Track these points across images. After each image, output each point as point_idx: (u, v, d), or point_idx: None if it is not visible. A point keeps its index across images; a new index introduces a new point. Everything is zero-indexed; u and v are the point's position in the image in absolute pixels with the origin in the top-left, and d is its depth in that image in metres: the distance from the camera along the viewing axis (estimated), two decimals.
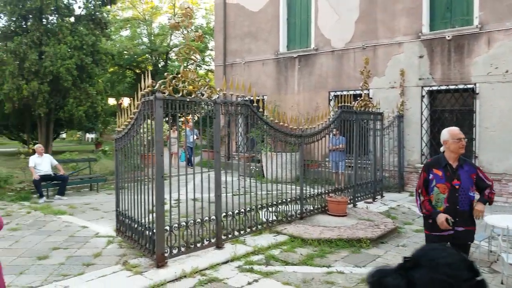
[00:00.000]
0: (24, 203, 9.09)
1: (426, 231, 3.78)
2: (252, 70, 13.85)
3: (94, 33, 13.66)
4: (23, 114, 14.41)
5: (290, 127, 7.17)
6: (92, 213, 8.22)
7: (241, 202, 6.33)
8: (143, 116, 5.60)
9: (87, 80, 13.70)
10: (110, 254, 5.62)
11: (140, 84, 5.58)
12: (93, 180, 10.96)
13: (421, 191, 3.71)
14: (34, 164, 9.68)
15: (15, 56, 12.39)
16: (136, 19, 25.85)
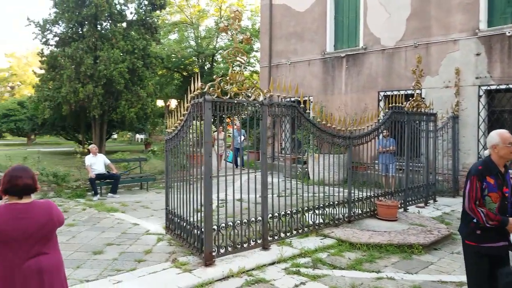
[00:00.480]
0: (79, 200, 9.56)
1: (472, 243, 3.38)
2: (297, 71, 13.77)
3: (144, 37, 14.19)
4: (79, 116, 15.21)
5: (338, 128, 7.04)
6: (142, 211, 8.49)
7: (287, 203, 6.29)
8: (192, 118, 5.71)
9: (138, 83, 14.25)
10: (160, 251, 5.78)
11: (189, 86, 5.68)
12: (143, 179, 11.34)
13: (479, 202, 3.31)
14: (90, 163, 10.17)
15: (72, 61, 13.11)
16: (183, 23, 26.55)
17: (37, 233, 2.53)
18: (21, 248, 2.50)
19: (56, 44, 14.32)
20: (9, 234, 2.46)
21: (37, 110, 15.10)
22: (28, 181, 2.57)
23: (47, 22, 13.88)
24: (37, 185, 2.66)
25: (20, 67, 43.31)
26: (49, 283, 2.58)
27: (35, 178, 2.66)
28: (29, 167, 2.72)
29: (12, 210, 2.51)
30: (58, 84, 13.52)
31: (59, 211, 2.75)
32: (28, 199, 2.60)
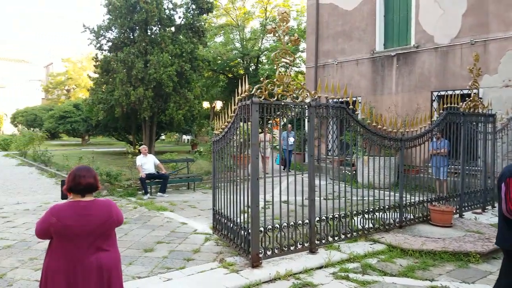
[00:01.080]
0: (131, 199, 9.91)
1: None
2: (345, 71, 13.51)
3: (192, 41, 14.52)
4: (130, 118, 15.82)
5: (389, 130, 6.81)
6: (190, 210, 8.66)
7: (334, 207, 6.17)
8: (239, 120, 5.75)
9: (185, 85, 14.61)
10: (208, 251, 5.86)
11: (236, 89, 5.72)
12: (190, 179, 11.58)
13: None
14: (140, 163, 10.53)
15: (124, 65, 13.67)
16: (229, 25, 26.90)
17: (98, 230, 2.67)
18: (83, 244, 2.64)
19: (109, 49, 15.01)
20: (72, 230, 2.61)
21: (92, 112, 15.89)
22: (90, 180, 2.72)
23: (101, 28, 14.58)
24: (98, 184, 2.80)
25: (75, 71, 45.74)
26: (107, 279, 2.70)
27: (96, 178, 2.81)
28: (92, 168, 2.86)
29: (75, 207, 2.67)
30: (111, 87, 14.15)
31: (118, 210, 2.87)
32: (90, 197, 2.75)
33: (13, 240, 6.30)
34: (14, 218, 7.72)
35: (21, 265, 5.22)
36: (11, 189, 10.87)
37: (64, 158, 12.87)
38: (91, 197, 2.76)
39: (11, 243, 6.14)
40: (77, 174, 2.73)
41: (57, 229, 2.60)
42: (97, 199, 2.80)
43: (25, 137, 18.94)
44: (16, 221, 7.53)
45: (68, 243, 2.63)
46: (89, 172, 2.78)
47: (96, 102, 14.74)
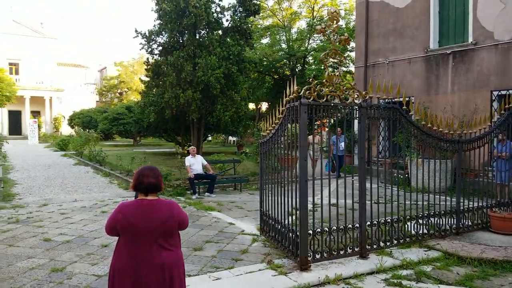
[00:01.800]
0: (180, 198, 10.15)
1: None
2: (396, 70, 13.07)
3: (239, 43, 14.68)
4: (179, 119, 16.23)
5: (445, 131, 6.49)
6: (237, 211, 8.73)
7: (385, 211, 5.97)
8: (287, 121, 5.72)
9: (232, 87, 14.79)
10: (256, 251, 5.87)
11: (284, 90, 5.69)
12: (237, 180, 11.68)
13: None
14: (189, 163, 10.77)
15: (173, 68, 14.06)
16: (275, 26, 26.91)
17: (159, 228, 2.74)
18: (146, 242, 2.73)
19: (160, 53, 15.51)
20: (135, 227, 2.72)
21: (143, 114, 16.49)
22: (152, 180, 2.80)
23: (152, 33, 15.10)
24: (161, 184, 2.87)
25: (127, 75, 47.64)
26: (169, 277, 2.77)
27: (159, 178, 2.87)
28: (156, 168, 2.95)
29: (139, 205, 2.78)
30: (161, 90, 14.61)
31: (182, 212, 2.92)
32: (154, 196, 2.84)
33: (71, 235, 6.64)
34: (72, 215, 8.15)
35: (79, 259, 5.49)
36: (69, 187, 11.51)
37: (118, 158, 13.44)
38: (154, 197, 2.85)
39: (70, 238, 6.48)
40: (141, 173, 2.85)
41: (123, 226, 2.74)
42: (161, 199, 2.88)
43: (81, 138, 19.97)
44: (74, 217, 7.94)
45: (132, 240, 2.75)
46: (152, 172, 2.86)
47: (147, 105, 15.28)
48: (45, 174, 13.83)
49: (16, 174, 13.79)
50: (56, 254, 5.68)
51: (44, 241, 6.28)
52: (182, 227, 2.92)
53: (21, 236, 6.56)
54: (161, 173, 2.94)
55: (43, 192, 10.71)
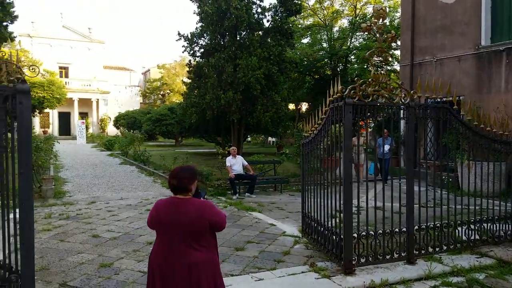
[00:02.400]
0: (221, 198, 10.25)
1: None
2: (444, 68, 12.53)
3: (280, 43, 14.64)
4: (219, 120, 16.40)
5: (499, 132, 6.13)
6: (278, 212, 8.69)
7: (434, 215, 5.71)
8: (330, 122, 5.61)
9: (273, 88, 14.76)
10: (298, 253, 5.81)
11: (328, 90, 5.59)
12: (277, 181, 11.65)
13: None
14: (230, 164, 10.86)
15: (214, 70, 14.24)
16: (316, 25, 26.61)
17: (188, 227, 2.75)
18: (175, 239, 2.78)
19: (201, 55, 15.76)
20: (164, 224, 2.81)
21: (185, 115, 16.80)
22: (174, 182, 2.85)
23: (194, 35, 15.38)
24: (186, 185, 2.84)
25: (169, 77, 48.89)
26: (196, 278, 2.76)
27: (185, 179, 2.85)
28: (190, 169, 2.96)
29: (169, 202, 2.88)
30: (202, 91, 14.84)
31: (215, 213, 2.87)
32: (185, 195, 2.86)
33: (118, 232, 6.86)
34: (119, 212, 8.43)
35: (126, 255, 5.65)
36: (115, 185, 11.92)
37: (161, 158, 13.79)
38: (186, 196, 2.87)
39: (117, 235, 6.69)
40: (171, 173, 2.94)
41: (155, 222, 2.87)
42: (193, 199, 2.88)
43: (126, 138, 20.67)
44: (120, 215, 8.20)
45: (163, 237, 2.84)
46: (180, 173, 2.89)
47: (189, 106, 15.56)
48: (92, 173, 14.43)
49: (66, 172, 14.48)
50: (104, 250, 5.88)
51: (92, 237, 6.52)
52: (216, 229, 2.89)
53: (71, 232, 6.86)
54: (192, 174, 2.92)
55: (91, 190, 11.16)
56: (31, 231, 3.73)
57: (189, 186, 2.85)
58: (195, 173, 2.97)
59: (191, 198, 2.88)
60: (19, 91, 3.67)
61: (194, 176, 2.93)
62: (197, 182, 2.99)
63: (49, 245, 6.09)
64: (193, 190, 2.90)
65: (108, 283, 4.70)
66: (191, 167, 3.02)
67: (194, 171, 2.97)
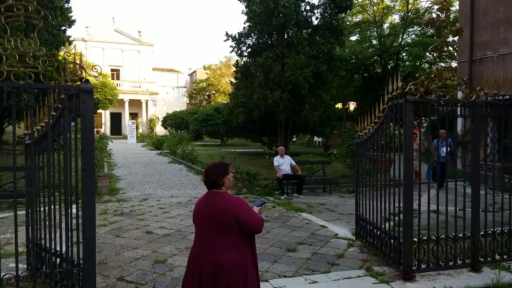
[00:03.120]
0: (269, 198, 10.17)
1: None
2: (508, 64, 11.69)
3: (329, 41, 14.34)
4: (266, 120, 16.36)
5: None
6: (328, 213, 8.49)
7: (495, 220, 5.32)
8: (389, 121, 5.37)
9: (321, 86, 14.48)
10: (352, 257, 5.62)
11: (386, 87, 5.36)
12: (326, 182, 11.41)
13: None
14: (277, 164, 10.77)
15: (262, 69, 14.20)
16: (366, 22, 25.87)
17: (215, 219, 2.77)
18: (206, 232, 2.83)
19: (248, 55, 15.77)
20: (199, 217, 2.92)
21: (232, 115, 16.91)
22: (205, 178, 2.95)
23: (241, 35, 15.43)
24: (216, 179, 2.89)
25: (215, 78, 49.65)
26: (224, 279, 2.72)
27: (214, 175, 2.90)
28: (219, 165, 3.01)
29: (203, 197, 2.98)
30: (250, 91, 14.85)
31: (243, 210, 2.83)
32: (218, 190, 2.91)
33: (170, 229, 6.97)
34: (170, 210, 8.58)
35: (179, 252, 5.71)
36: (165, 183, 12.20)
37: (209, 157, 13.96)
38: (218, 190, 2.91)
39: (169, 232, 6.80)
40: (204, 170, 3.03)
41: (193, 217, 3.00)
42: (223, 192, 2.91)
43: (174, 138, 21.15)
44: (172, 212, 8.35)
45: (198, 231, 2.95)
46: (210, 169, 2.96)
47: (236, 106, 15.63)
48: (144, 171, 14.87)
49: (119, 170, 15.02)
50: (158, 246, 5.98)
51: (146, 234, 6.67)
52: (246, 228, 2.81)
53: (126, 227, 7.05)
54: (220, 168, 2.95)
55: (143, 187, 11.49)
56: (93, 226, 3.83)
57: (219, 181, 2.89)
58: (224, 168, 2.96)
59: (223, 192, 2.90)
60: (83, 90, 3.79)
61: (223, 171, 2.93)
62: (230, 177, 2.98)
63: (105, 240, 6.28)
64: (226, 184, 2.92)
65: (163, 279, 4.76)
66: (221, 163, 3.05)
67: (222, 166, 2.98)
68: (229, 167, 3.02)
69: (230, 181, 2.97)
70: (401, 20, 24.40)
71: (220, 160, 12.93)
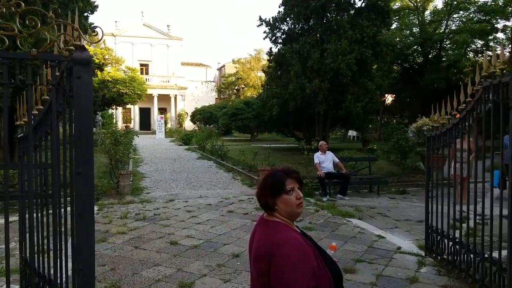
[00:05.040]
0: (309, 200, 9.01)
1: None
2: None
3: (375, 23, 12.82)
4: (301, 112, 15.04)
5: None
6: (381, 219, 7.25)
7: None
8: (481, 106, 4.09)
9: (365, 74, 12.97)
10: (429, 281, 4.40)
11: (477, 66, 4.05)
12: (373, 181, 10.09)
13: None
14: (319, 161, 9.56)
15: (299, 56, 12.87)
16: (405, 9, 24.03)
17: (251, 261, 1.91)
18: (251, 271, 1.98)
19: (283, 41, 14.45)
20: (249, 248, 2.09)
21: (265, 107, 15.71)
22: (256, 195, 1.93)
23: (276, 20, 14.14)
24: (259, 199, 1.93)
25: (244, 72, 48.57)
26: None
27: (260, 193, 1.92)
28: (271, 176, 1.92)
29: (257, 222, 2.07)
30: (285, 81, 13.56)
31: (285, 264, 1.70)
32: (269, 215, 1.93)
33: (199, 239, 5.90)
34: (198, 213, 7.53)
35: (209, 272, 4.62)
36: (194, 182, 11.18)
37: (240, 153, 12.84)
38: (269, 216, 1.91)
39: (197, 242, 5.73)
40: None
41: None
42: (274, 223, 1.86)
43: (203, 133, 20.24)
44: (201, 216, 7.29)
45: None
46: (261, 182, 1.96)
47: (270, 97, 14.37)
48: (171, 168, 13.93)
49: (144, 167, 14.16)
50: (184, 263, 4.90)
51: (171, 245, 5.61)
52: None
53: (147, 236, 6.03)
54: (265, 183, 1.90)
55: (169, 186, 10.51)
56: (91, 253, 2.69)
57: (268, 202, 1.86)
58: (276, 182, 1.87)
59: (274, 223, 1.85)
60: (77, 61, 2.63)
61: (274, 186, 1.86)
62: (290, 198, 1.84)
63: (122, 253, 5.26)
64: (281, 209, 1.84)
65: None
66: (275, 173, 1.92)
67: (274, 179, 1.88)
68: (287, 180, 1.85)
69: (288, 204, 1.83)
70: (444, 5, 22.37)
71: (256, 158, 11.66)
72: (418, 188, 10.43)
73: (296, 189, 1.89)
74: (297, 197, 1.87)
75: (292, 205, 1.83)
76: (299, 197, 1.88)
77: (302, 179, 2.06)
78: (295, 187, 1.88)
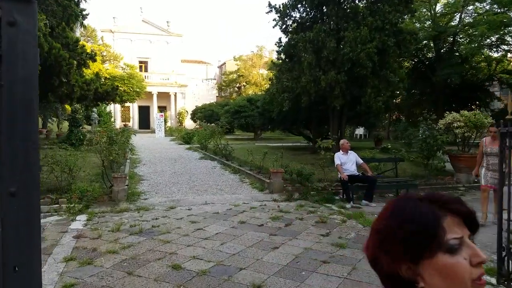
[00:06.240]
0: (330, 206, 7.87)
1: None
2: None
3: (397, 9, 11.57)
4: (313, 108, 13.82)
5: None
6: None
7: None
8: None
9: (387, 66, 11.72)
10: None
11: None
12: (401, 184, 8.90)
13: None
14: (340, 162, 8.39)
15: (313, 46, 11.64)
16: (416, 1, 22.77)
17: None
18: None
19: (294, 30, 13.21)
20: None
21: (273, 103, 14.47)
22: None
23: (286, 7, 12.90)
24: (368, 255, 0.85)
25: (246, 69, 47.31)
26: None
27: (368, 243, 0.86)
28: (406, 219, 0.78)
29: None
30: (296, 73, 12.33)
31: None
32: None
33: (207, 261, 4.72)
34: (205, 225, 6.36)
35: None
36: (197, 185, 10.00)
37: (248, 152, 11.64)
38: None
39: (206, 266, 4.55)
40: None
41: None
42: None
43: (206, 131, 19.06)
44: (207, 229, 6.12)
45: None
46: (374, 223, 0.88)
47: (280, 91, 13.12)
48: (171, 169, 12.72)
49: (142, 168, 12.95)
50: None
51: (172, 269, 4.43)
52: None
53: (143, 257, 4.84)
54: (418, 225, 0.75)
55: (170, 190, 9.31)
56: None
57: (389, 269, 0.78)
58: (416, 228, 0.75)
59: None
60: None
61: (398, 239, 0.76)
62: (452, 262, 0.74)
63: (111, 282, 4.08)
64: (426, 283, 0.74)
65: None
66: (413, 206, 0.79)
67: (409, 221, 0.77)
68: (445, 221, 0.75)
69: (453, 279, 0.71)
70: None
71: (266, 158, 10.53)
72: (448, 192, 9.26)
73: (466, 241, 0.76)
74: (473, 261, 0.74)
75: (461, 281, 0.73)
76: (479, 261, 0.74)
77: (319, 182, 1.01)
78: (464, 236, 0.76)
